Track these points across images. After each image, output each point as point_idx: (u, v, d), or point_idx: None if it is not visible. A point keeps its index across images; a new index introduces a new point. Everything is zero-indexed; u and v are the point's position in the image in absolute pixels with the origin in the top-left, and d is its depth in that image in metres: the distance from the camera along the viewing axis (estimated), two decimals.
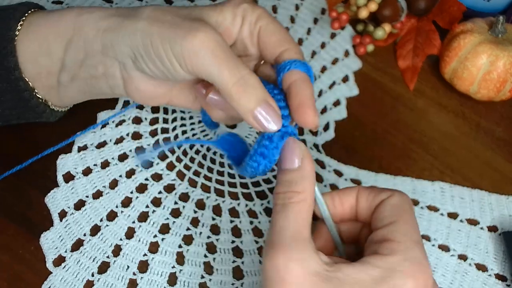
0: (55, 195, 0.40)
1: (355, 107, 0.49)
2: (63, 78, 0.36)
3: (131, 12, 0.33)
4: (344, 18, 0.50)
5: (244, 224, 0.41)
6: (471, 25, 0.49)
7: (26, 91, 0.35)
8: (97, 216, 0.40)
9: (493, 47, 0.46)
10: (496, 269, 0.41)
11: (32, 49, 0.35)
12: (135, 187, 0.41)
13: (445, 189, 0.44)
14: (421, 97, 0.50)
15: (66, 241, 0.38)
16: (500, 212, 0.43)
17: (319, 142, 0.46)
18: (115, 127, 0.44)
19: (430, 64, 0.52)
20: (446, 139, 0.48)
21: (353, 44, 0.53)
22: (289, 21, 0.54)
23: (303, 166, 0.30)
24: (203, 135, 0.45)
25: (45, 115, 0.37)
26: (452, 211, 0.43)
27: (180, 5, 0.53)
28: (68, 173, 0.41)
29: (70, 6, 0.36)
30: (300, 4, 0.55)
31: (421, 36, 0.53)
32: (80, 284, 0.37)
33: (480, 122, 0.49)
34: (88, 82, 0.36)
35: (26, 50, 0.35)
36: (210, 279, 0.38)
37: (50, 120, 0.38)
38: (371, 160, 0.45)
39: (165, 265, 0.38)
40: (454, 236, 0.42)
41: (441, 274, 0.40)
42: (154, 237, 0.39)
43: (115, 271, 0.38)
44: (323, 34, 0.53)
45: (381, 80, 0.51)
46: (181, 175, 0.43)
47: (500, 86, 0.47)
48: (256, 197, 0.42)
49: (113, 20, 0.33)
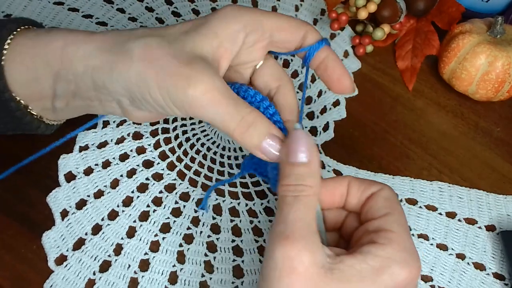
0: (57, 194, 0.40)
1: (354, 107, 0.49)
2: (58, 105, 0.34)
3: (121, 49, 0.31)
4: (344, 19, 0.50)
5: (244, 223, 0.41)
6: (470, 25, 0.49)
7: (18, 111, 0.34)
8: (99, 216, 0.40)
9: (491, 47, 0.46)
10: (494, 268, 0.41)
11: (20, 72, 0.33)
12: (136, 187, 0.42)
13: (443, 189, 0.44)
14: (420, 97, 0.51)
15: (67, 240, 0.38)
16: (498, 212, 0.44)
17: (318, 142, 0.46)
18: (116, 127, 0.44)
19: (429, 65, 0.53)
20: (445, 139, 0.48)
21: (353, 44, 0.53)
22: None
23: (312, 160, 0.30)
24: (204, 135, 0.45)
25: (40, 130, 0.36)
26: (450, 211, 0.43)
27: (180, 5, 0.53)
28: (70, 172, 0.41)
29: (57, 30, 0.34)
30: (299, 5, 0.56)
31: (420, 36, 0.53)
32: (81, 282, 0.37)
33: (478, 122, 0.50)
34: (84, 107, 0.35)
35: (14, 72, 0.33)
36: (210, 277, 0.38)
37: (46, 133, 0.37)
38: (370, 159, 0.46)
39: (166, 264, 0.39)
40: (452, 235, 0.42)
41: (439, 273, 0.40)
42: (155, 236, 0.40)
43: (117, 270, 0.38)
44: (323, 35, 0.53)
45: (380, 80, 0.52)
46: (182, 174, 0.43)
47: (498, 87, 0.47)
48: (256, 196, 0.43)
49: (102, 59, 0.31)
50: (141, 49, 0.31)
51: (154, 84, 0.30)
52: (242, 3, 0.55)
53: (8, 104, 0.33)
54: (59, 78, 0.33)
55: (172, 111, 0.31)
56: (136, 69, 0.30)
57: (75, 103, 0.34)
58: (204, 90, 0.30)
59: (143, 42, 0.31)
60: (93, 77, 0.32)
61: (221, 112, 0.30)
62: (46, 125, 0.37)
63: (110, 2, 0.53)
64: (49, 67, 0.33)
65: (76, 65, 0.32)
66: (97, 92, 0.33)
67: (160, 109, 0.32)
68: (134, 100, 0.32)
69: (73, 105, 0.35)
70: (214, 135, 0.45)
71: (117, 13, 0.52)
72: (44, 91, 0.34)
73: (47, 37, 0.33)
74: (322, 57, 0.34)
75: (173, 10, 0.53)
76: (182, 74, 0.30)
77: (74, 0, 0.52)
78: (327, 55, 0.34)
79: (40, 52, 0.33)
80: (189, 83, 0.30)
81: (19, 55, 0.33)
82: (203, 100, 0.30)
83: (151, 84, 0.30)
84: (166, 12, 0.53)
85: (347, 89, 0.35)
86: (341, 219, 0.34)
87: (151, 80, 0.30)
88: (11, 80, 0.33)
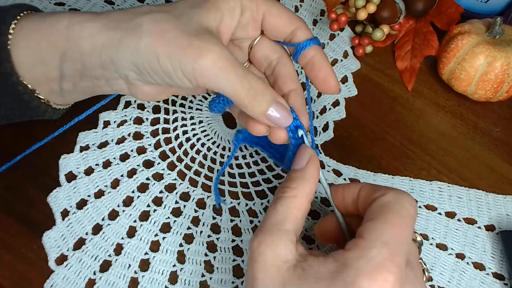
0: (57, 194, 0.40)
1: (353, 108, 0.49)
2: (65, 86, 0.35)
3: (129, 25, 0.32)
4: (343, 19, 0.50)
5: (244, 223, 0.41)
6: (469, 26, 0.49)
7: (26, 94, 0.34)
8: (99, 215, 0.40)
9: (490, 48, 0.46)
10: (493, 268, 0.41)
11: (26, 56, 0.34)
12: (136, 187, 0.42)
13: (443, 189, 0.45)
14: (419, 97, 0.51)
15: (68, 240, 0.39)
16: (498, 212, 0.44)
17: (318, 142, 0.46)
18: (117, 128, 0.44)
19: (428, 65, 0.53)
20: (444, 139, 0.48)
21: (352, 45, 0.53)
22: None
23: (306, 167, 0.32)
24: (204, 135, 0.45)
25: (47, 114, 0.37)
26: (450, 211, 0.44)
27: None
28: (70, 172, 0.41)
29: (62, 12, 0.34)
30: (299, 6, 0.56)
31: (419, 37, 0.53)
32: (82, 282, 0.37)
33: (477, 123, 0.50)
34: (91, 88, 0.36)
35: (20, 56, 0.34)
36: (210, 277, 0.39)
37: (53, 118, 0.38)
38: (369, 160, 0.46)
39: (166, 264, 0.39)
40: (451, 235, 0.42)
41: (439, 273, 0.41)
42: (155, 236, 0.40)
43: (117, 270, 0.38)
44: (322, 36, 0.54)
45: (380, 80, 0.52)
46: (182, 174, 0.43)
47: (497, 87, 0.47)
48: (256, 196, 0.43)
49: (110, 35, 0.32)
50: (150, 23, 0.32)
51: (165, 55, 0.31)
52: None
53: (16, 87, 0.34)
54: (65, 58, 0.34)
55: (182, 81, 0.32)
56: (146, 42, 0.31)
57: (82, 83, 0.35)
58: (215, 59, 0.31)
59: (151, 17, 0.32)
60: (101, 54, 0.33)
61: (231, 80, 0.32)
62: (53, 110, 0.37)
63: (111, 3, 0.53)
64: (55, 47, 0.33)
65: (83, 44, 0.33)
66: (104, 70, 0.33)
67: (168, 80, 0.33)
68: (142, 72, 0.33)
69: (80, 86, 0.35)
70: (214, 135, 0.45)
71: None
72: (51, 73, 0.34)
73: (51, 19, 0.34)
74: (311, 55, 0.36)
75: None
76: (192, 44, 0.31)
77: (75, 1, 0.52)
78: (315, 54, 0.36)
79: (45, 34, 0.33)
80: (200, 52, 0.31)
81: (25, 38, 0.34)
82: (214, 69, 0.31)
83: (161, 56, 0.31)
84: None
85: (331, 89, 0.36)
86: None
87: (162, 52, 0.31)
88: (18, 63, 0.34)
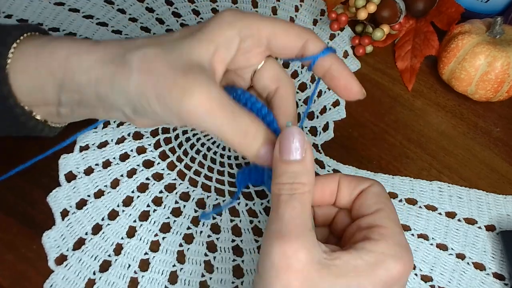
0: (57, 194, 0.40)
1: (354, 108, 0.49)
2: (63, 112, 0.35)
3: (121, 61, 0.31)
4: (343, 19, 0.50)
5: (244, 223, 0.41)
6: (469, 26, 0.49)
7: (23, 116, 0.34)
8: (99, 215, 0.40)
9: (490, 48, 0.46)
10: (494, 268, 0.41)
11: (24, 80, 0.33)
12: (136, 187, 0.42)
13: (443, 189, 0.45)
14: (419, 97, 0.51)
15: (68, 240, 0.39)
16: (498, 212, 0.44)
17: (318, 142, 0.46)
18: (117, 127, 0.44)
19: (428, 65, 0.53)
20: (444, 139, 0.48)
21: (352, 45, 0.53)
22: None
23: (306, 157, 0.30)
24: (204, 135, 0.45)
25: (44, 132, 0.37)
26: (450, 211, 0.44)
27: (180, 6, 0.53)
28: (70, 172, 0.41)
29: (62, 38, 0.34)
30: (299, 6, 0.56)
31: (419, 37, 0.53)
32: (81, 282, 0.37)
33: (478, 122, 0.50)
34: (89, 114, 0.35)
35: (18, 80, 0.33)
36: (210, 277, 0.39)
37: (49, 135, 0.37)
38: (369, 159, 0.46)
39: (166, 264, 0.39)
40: (452, 235, 0.42)
41: (439, 273, 0.40)
42: (155, 236, 0.40)
43: (117, 270, 0.38)
44: (323, 35, 0.54)
45: (380, 80, 0.52)
46: (182, 174, 0.43)
47: (497, 87, 0.47)
48: (256, 196, 0.43)
49: (104, 71, 0.32)
50: (139, 60, 0.31)
51: (153, 95, 0.30)
52: (242, 3, 0.55)
53: (13, 109, 0.33)
54: (63, 88, 0.33)
55: (171, 121, 0.32)
56: (134, 81, 0.31)
57: (79, 110, 0.35)
58: (200, 100, 0.30)
59: (141, 52, 0.31)
60: (96, 89, 0.32)
61: (218, 122, 0.30)
62: (50, 128, 0.37)
63: (111, 2, 0.53)
64: (53, 76, 0.33)
65: (79, 77, 0.32)
66: (100, 102, 0.33)
67: (160, 119, 0.32)
68: (136, 110, 0.32)
69: (78, 112, 0.35)
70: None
71: (117, 14, 0.52)
72: (49, 99, 0.34)
73: (51, 46, 0.33)
74: (327, 65, 0.34)
75: (174, 11, 0.53)
76: (178, 84, 0.30)
77: (75, 1, 0.52)
78: (332, 63, 0.34)
79: (44, 62, 0.33)
80: (184, 93, 0.30)
81: (24, 64, 0.33)
82: (200, 110, 0.30)
83: (149, 95, 0.30)
84: (167, 12, 0.53)
85: (355, 95, 0.34)
86: (332, 216, 0.34)
87: (150, 91, 0.30)
88: (16, 87, 0.33)
